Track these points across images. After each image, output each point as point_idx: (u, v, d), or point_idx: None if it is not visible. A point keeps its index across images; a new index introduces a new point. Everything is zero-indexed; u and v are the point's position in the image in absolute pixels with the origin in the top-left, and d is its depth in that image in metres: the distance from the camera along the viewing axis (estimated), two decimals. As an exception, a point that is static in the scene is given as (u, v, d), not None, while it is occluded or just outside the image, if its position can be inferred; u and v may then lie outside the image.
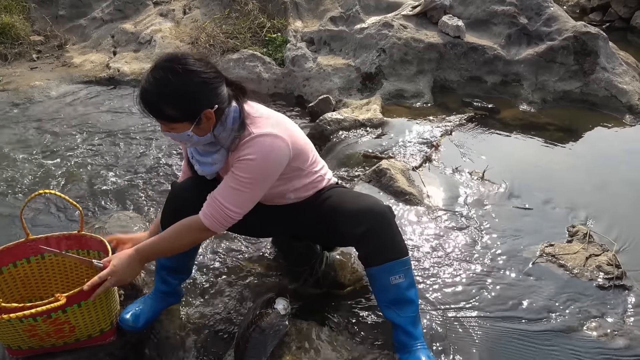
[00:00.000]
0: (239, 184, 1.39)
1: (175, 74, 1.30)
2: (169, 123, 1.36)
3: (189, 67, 1.31)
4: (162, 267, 1.65)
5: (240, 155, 1.39)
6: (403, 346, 1.50)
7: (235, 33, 4.53)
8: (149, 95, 1.32)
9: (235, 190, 1.40)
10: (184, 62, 1.31)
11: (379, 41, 3.96)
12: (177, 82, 1.30)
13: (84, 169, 2.89)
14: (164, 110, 1.33)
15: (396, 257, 1.47)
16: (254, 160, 1.37)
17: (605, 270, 1.94)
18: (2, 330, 1.44)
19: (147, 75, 1.33)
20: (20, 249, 1.65)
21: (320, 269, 1.88)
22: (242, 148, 1.39)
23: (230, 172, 1.42)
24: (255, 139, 1.38)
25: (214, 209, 1.41)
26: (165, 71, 1.30)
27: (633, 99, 3.57)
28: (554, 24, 3.91)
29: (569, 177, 2.73)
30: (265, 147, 1.37)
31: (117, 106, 3.89)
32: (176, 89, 1.31)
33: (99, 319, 1.53)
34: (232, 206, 1.40)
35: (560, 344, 1.64)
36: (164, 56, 1.36)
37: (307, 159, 1.57)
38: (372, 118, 3.33)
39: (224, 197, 1.40)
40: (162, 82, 1.30)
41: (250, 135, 1.39)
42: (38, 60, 5.07)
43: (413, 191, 2.47)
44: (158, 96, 1.32)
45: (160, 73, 1.31)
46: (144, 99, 1.33)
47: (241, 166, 1.38)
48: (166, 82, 1.30)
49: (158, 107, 1.33)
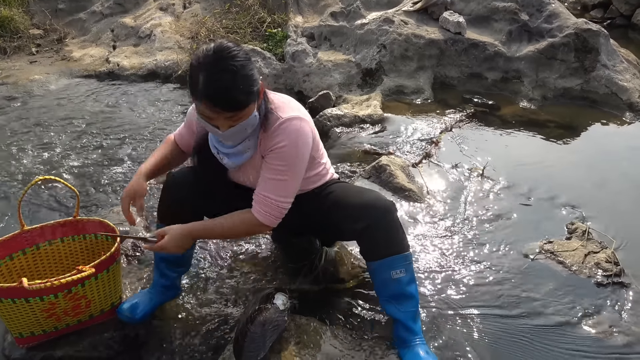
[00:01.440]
0: (278, 173, 1.41)
1: (233, 60, 1.25)
2: (241, 111, 1.29)
3: (235, 49, 1.28)
4: (161, 260, 1.65)
5: (271, 146, 1.40)
6: (402, 341, 1.51)
7: (236, 28, 4.52)
8: (224, 91, 1.25)
9: (277, 181, 1.41)
10: (228, 48, 1.27)
11: (380, 37, 3.95)
12: (239, 68, 1.26)
13: (83, 163, 2.89)
14: (239, 99, 1.28)
15: (398, 252, 1.48)
16: (286, 147, 1.38)
17: (604, 268, 1.94)
18: (17, 315, 1.46)
19: (207, 75, 1.25)
20: (15, 241, 1.65)
21: (319, 265, 1.88)
22: (273, 136, 1.39)
23: (265, 166, 1.43)
24: (283, 125, 1.38)
25: (267, 206, 1.43)
26: (225, 62, 1.25)
27: (633, 97, 3.57)
28: (555, 20, 3.90)
29: (568, 174, 2.73)
30: (294, 132, 1.39)
31: (117, 100, 3.88)
32: (242, 74, 1.27)
33: (111, 292, 1.61)
34: (281, 197, 1.42)
35: (559, 341, 1.65)
36: (209, 51, 1.27)
37: (318, 147, 1.58)
38: (372, 114, 3.32)
39: (270, 192, 1.42)
40: (229, 75, 1.25)
41: (278, 121, 1.39)
42: (37, 54, 5.05)
43: (413, 187, 2.47)
44: (232, 89, 1.26)
45: (222, 65, 1.25)
46: (220, 99, 1.26)
47: (275, 155, 1.40)
48: (232, 73, 1.25)
49: (235, 99, 1.27)
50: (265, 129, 1.40)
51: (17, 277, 1.67)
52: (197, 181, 1.55)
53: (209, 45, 1.28)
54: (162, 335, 1.66)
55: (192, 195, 1.53)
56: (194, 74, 1.27)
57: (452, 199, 2.46)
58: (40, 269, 1.73)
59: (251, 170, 1.52)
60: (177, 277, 1.71)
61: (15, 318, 1.48)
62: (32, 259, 1.70)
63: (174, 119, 3.48)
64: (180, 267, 1.69)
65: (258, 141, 1.44)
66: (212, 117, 1.30)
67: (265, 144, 1.42)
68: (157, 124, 3.40)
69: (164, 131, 3.29)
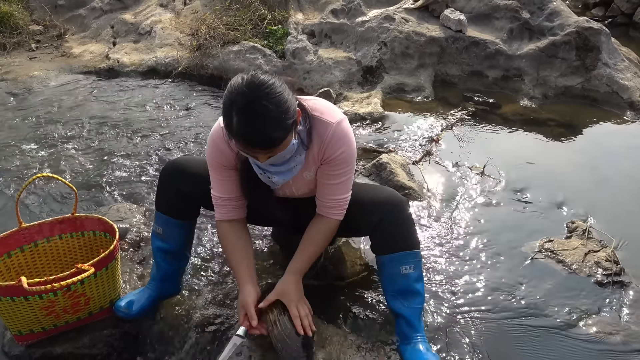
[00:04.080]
0: (342, 176, 1.44)
1: (267, 99, 1.18)
2: (277, 147, 1.25)
3: (269, 84, 1.20)
4: (157, 250, 1.65)
5: (330, 155, 1.40)
6: (404, 337, 1.51)
7: (236, 25, 4.50)
8: (259, 134, 1.20)
9: (341, 183, 1.45)
10: (262, 83, 1.20)
11: (380, 34, 3.94)
12: (272, 108, 1.19)
13: (82, 160, 2.88)
14: (274, 138, 1.22)
15: (409, 248, 1.50)
16: (344, 152, 1.41)
17: (604, 267, 1.94)
18: (16, 313, 1.46)
19: (241, 118, 1.18)
20: (13, 238, 1.65)
21: (319, 262, 1.88)
22: (330, 146, 1.38)
23: (325, 175, 1.45)
24: (338, 132, 1.38)
25: (339, 206, 1.48)
26: (259, 104, 1.18)
27: (634, 96, 3.56)
28: (557, 18, 3.89)
29: (569, 173, 2.73)
30: (347, 135, 1.41)
31: (116, 97, 3.87)
32: (277, 113, 1.20)
33: (110, 289, 1.61)
34: (346, 194, 1.48)
35: (558, 340, 1.65)
36: (241, 87, 1.19)
37: None
38: (373, 112, 3.32)
39: (338, 194, 1.46)
40: (263, 119, 1.19)
41: (329, 128, 1.37)
42: (37, 50, 5.04)
43: (413, 185, 2.47)
44: (267, 130, 1.20)
45: (256, 108, 1.18)
46: (255, 141, 1.21)
47: (337, 163, 1.42)
48: (266, 115, 1.18)
49: (270, 139, 1.22)
50: (319, 136, 1.38)
51: (15, 274, 1.67)
52: (199, 172, 1.55)
53: (242, 79, 1.20)
54: (162, 332, 1.66)
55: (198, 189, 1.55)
56: (227, 112, 1.21)
57: (452, 197, 2.46)
58: (38, 266, 1.73)
59: (299, 181, 1.50)
60: (174, 270, 1.70)
61: (14, 316, 1.47)
62: (30, 257, 1.70)
63: (174, 116, 3.47)
64: (178, 260, 1.69)
65: (306, 153, 1.41)
66: (248, 153, 1.27)
67: (322, 153, 1.40)
68: (157, 121, 3.40)
69: (163, 128, 3.28)
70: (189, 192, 1.57)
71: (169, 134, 3.19)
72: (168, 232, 1.63)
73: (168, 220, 1.62)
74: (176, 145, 3.03)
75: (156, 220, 1.65)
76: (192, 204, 1.63)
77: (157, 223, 1.65)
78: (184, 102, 3.75)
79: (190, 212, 1.66)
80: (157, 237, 1.65)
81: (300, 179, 1.49)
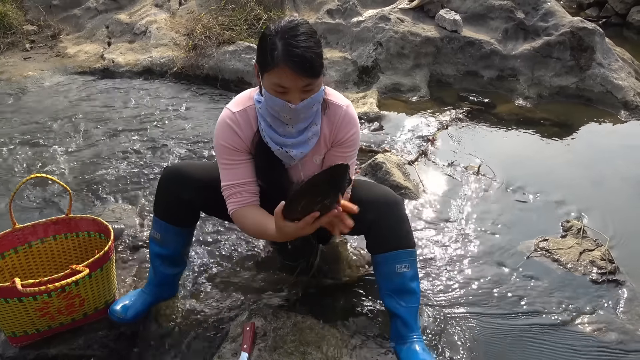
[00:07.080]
0: (350, 159, 1.49)
1: (308, 26, 1.29)
2: (317, 79, 1.29)
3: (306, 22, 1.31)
4: (155, 255, 1.63)
5: (342, 136, 1.46)
6: (400, 337, 1.51)
7: (231, 25, 4.49)
8: (305, 54, 1.24)
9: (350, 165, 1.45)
10: (301, 20, 1.30)
11: (376, 34, 3.94)
12: (314, 33, 1.29)
13: (77, 160, 2.86)
14: (318, 64, 1.28)
15: (404, 247, 1.50)
16: (355, 133, 1.48)
17: (599, 265, 1.95)
18: (10, 314, 1.45)
19: (287, 40, 1.23)
20: (7, 239, 1.63)
21: (315, 263, 1.88)
22: (341, 127, 1.45)
23: (335, 156, 1.48)
24: (348, 114, 1.45)
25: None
26: (304, 27, 1.27)
27: (628, 95, 3.58)
28: (551, 19, 3.91)
29: (563, 172, 2.74)
30: (355, 117, 1.48)
31: (111, 97, 3.85)
32: (318, 40, 1.30)
33: (105, 290, 1.60)
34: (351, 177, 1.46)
35: (554, 339, 1.66)
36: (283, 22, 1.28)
37: None
38: (369, 112, 3.32)
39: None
40: (309, 38, 1.26)
41: (340, 110, 1.44)
42: (31, 50, 5.00)
43: (409, 185, 2.47)
44: (313, 52, 1.26)
45: (302, 30, 1.26)
46: (302, 62, 1.23)
47: (349, 144, 1.48)
48: (311, 36, 1.27)
49: (315, 62, 1.27)
50: (329, 116, 1.44)
51: (9, 275, 1.66)
52: (200, 178, 1.53)
53: (280, 20, 1.30)
54: (157, 333, 1.65)
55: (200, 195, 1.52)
56: (270, 42, 1.25)
57: (448, 196, 2.46)
58: (32, 267, 1.72)
59: (308, 164, 1.51)
60: (172, 275, 1.69)
61: (8, 317, 1.46)
62: (24, 258, 1.68)
63: (169, 116, 3.46)
64: (175, 265, 1.68)
65: (320, 127, 1.44)
66: (287, 88, 1.27)
67: (333, 133, 1.46)
68: (152, 122, 3.38)
69: (158, 129, 3.27)
70: (190, 199, 1.53)
71: (164, 134, 3.18)
72: (166, 238, 1.60)
73: (167, 227, 1.59)
74: (171, 145, 3.02)
75: (154, 226, 1.62)
76: (192, 211, 1.60)
77: (155, 228, 1.61)
78: (179, 102, 3.74)
79: (189, 219, 1.62)
80: (155, 243, 1.62)
81: (310, 162, 1.51)
